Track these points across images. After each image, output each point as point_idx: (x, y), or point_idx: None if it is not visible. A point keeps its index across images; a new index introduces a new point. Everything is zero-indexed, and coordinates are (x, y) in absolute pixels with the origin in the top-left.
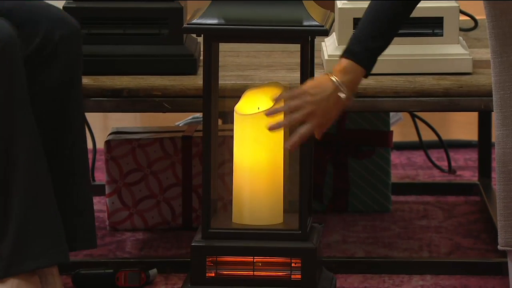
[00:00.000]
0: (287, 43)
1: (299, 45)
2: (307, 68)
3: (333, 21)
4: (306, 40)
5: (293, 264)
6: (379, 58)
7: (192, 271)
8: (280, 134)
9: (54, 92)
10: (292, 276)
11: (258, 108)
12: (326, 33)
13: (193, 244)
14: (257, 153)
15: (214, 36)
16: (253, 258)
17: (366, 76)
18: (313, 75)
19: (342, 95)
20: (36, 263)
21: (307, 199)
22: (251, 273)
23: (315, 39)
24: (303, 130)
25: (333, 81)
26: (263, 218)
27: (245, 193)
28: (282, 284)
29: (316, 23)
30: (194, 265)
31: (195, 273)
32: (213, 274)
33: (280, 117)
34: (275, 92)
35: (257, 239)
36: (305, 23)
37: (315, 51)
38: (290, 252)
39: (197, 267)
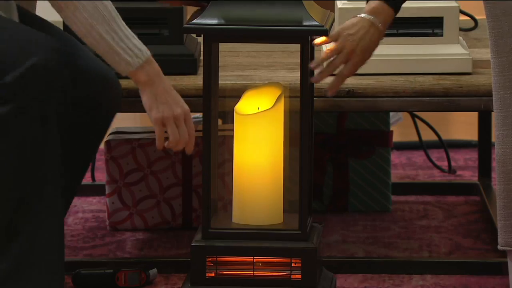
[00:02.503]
0: (287, 43)
1: (299, 45)
2: (307, 68)
3: (333, 21)
4: (306, 40)
5: (293, 264)
6: (379, 58)
7: (192, 271)
8: (280, 133)
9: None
10: (292, 276)
11: (258, 108)
12: (326, 33)
13: (193, 244)
14: (257, 153)
15: (214, 36)
16: (253, 258)
17: (393, 17)
18: (313, 75)
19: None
20: None
21: (307, 199)
22: (251, 273)
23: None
24: (345, 71)
25: (367, 19)
26: (263, 218)
27: (245, 193)
28: (282, 284)
29: (316, 23)
30: (194, 265)
31: (195, 273)
32: (213, 274)
33: (280, 114)
34: (275, 92)
35: (257, 239)
36: (305, 23)
37: (315, 51)
38: (290, 252)
39: (197, 267)
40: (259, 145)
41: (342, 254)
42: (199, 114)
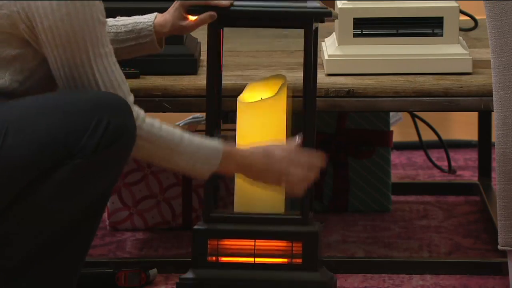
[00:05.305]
0: (292, 27)
1: (299, 44)
2: (311, 54)
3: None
4: (310, 23)
5: (294, 248)
6: (379, 58)
7: (194, 255)
8: (282, 122)
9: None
10: (293, 260)
11: (261, 98)
12: (329, 14)
13: (195, 227)
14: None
15: (218, 18)
16: (254, 242)
17: None
18: (316, 61)
19: None
20: None
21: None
22: (252, 257)
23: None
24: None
25: None
26: (264, 207)
27: (247, 182)
28: (283, 267)
29: (320, 5)
30: (196, 249)
31: (197, 257)
32: (214, 259)
33: (283, 104)
34: (278, 84)
35: (258, 223)
36: (308, 5)
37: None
38: (291, 235)
39: (199, 251)
40: (261, 133)
41: (342, 254)
42: (199, 114)
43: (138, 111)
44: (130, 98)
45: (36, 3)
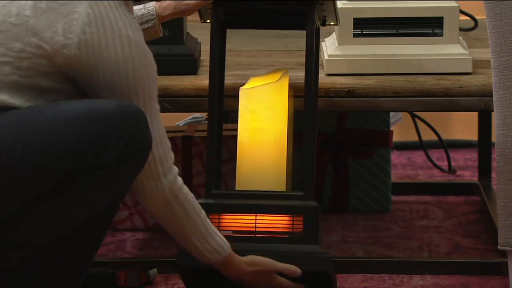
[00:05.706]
0: (295, 24)
1: (299, 46)
2: (312, 50)
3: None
4: (313, 5)
5: (295, 222)
6: (379, 58)
7: None
8: (285, 104)
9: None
10: (294, 234)
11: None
12: None
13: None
14: (261, 124)
15: (222, 19)
16: (255, 216)
17: None
18: (318, 60)
19: None
20: None
21: (311, 164)
22: (253, 229)
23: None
24: None
25: None
26: (266, 186)
27: (249, 162)
28: (283, 241)
29: None
30: None
31: None
32: None
33: (285, 88)
34: (279, 74)
35: (260, 198)
36: None
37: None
38: (292, 210)
39: None
40: (264, 120)
41: (342, 254)
42: (199, 114)
43: (177, 174)
44: (171, 155)
45: (102, 52)
